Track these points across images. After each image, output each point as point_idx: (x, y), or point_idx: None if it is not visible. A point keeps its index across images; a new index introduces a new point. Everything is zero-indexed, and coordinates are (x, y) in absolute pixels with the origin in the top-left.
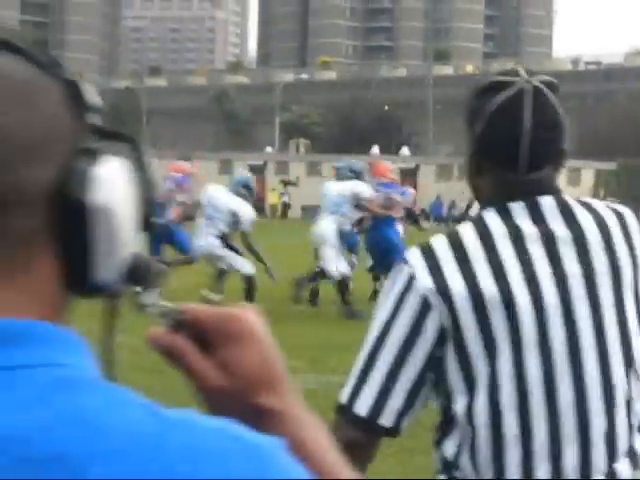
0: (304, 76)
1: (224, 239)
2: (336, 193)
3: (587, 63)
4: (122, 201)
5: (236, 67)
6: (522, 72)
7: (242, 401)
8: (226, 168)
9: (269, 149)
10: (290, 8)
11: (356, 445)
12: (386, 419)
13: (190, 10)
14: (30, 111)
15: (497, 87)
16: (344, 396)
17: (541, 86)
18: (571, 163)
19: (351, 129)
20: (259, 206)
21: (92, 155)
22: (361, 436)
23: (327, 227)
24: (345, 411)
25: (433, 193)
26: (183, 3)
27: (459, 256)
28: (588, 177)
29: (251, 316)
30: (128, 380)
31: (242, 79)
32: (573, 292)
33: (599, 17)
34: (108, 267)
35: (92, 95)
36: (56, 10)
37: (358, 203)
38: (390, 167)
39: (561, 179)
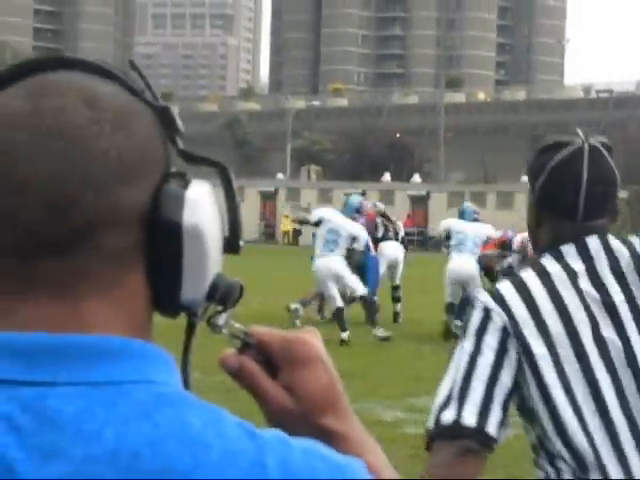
0: (316, 103)
1: (345, 259)
2: (475, 234)
3: (599, 91)
4: (211, 223)
5: (248, 94)
6: (581, 133)
7: (307, 423)
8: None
9: (280, 176)
10: (302, 35)
11: (471, 452)
12: (492, 428)
13: (202, 36)
14: (127, 135)
15: (558, 146)
16: (447, 417)
17: (598, 146)
18: None
19: (363, 156)
20: (270, 232)
21: (183, 178)
22: (474, 444)
23: (474, 267)
24: (452, 427)
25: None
26: (195, 30)
27: (525, 298)
28: None
29: (315, 340)
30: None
31: (254, 106)
32: (622, 316)
33: (611, 45)
34: (195, 287)
35: (180, 121)
36: (69, 37)
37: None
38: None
39: None
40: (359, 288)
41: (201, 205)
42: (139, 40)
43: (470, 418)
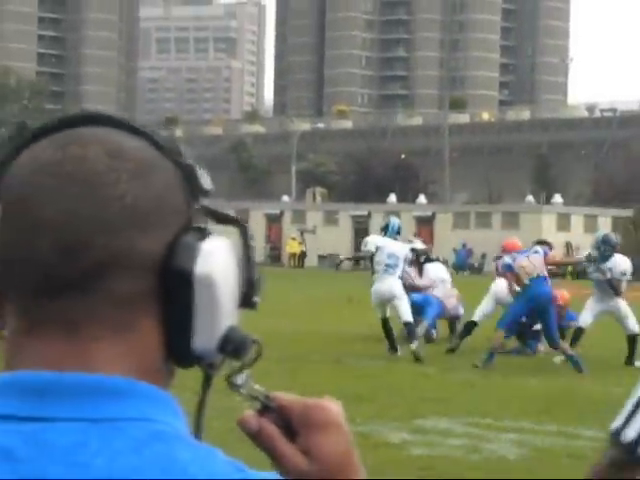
0: (320, 125)
1: (401, 283)
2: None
3: (602, 110)
4: (225, 276)
5: (252, 117)
6: None
7: None
8: (243, 217)
9: (286, 198)
10: (306, 57)
11: (616, 464)
12: None
13: (206, 60)
14: (144, 184)
15: None
16: (617, 423)
17: None
18: (588, 210)
19: (368, 178)
20: (275, 255)
21: (201, 232)
22: (623, 459)
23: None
24: (613, 435)
25: (450, 241)
26: (199, 53)
27: None
28: (605, 224)
29: (334, 406)
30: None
31: (258, 128)
32: None
33: (614, 65)
34: (207, 336)
35: (206, 180)
36: (72, 62)
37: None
38: (517, 242)
39: (578, 226)
40: (406, 314)
41: (215, 256)
42: (143, 65)
43: (630, 434)
